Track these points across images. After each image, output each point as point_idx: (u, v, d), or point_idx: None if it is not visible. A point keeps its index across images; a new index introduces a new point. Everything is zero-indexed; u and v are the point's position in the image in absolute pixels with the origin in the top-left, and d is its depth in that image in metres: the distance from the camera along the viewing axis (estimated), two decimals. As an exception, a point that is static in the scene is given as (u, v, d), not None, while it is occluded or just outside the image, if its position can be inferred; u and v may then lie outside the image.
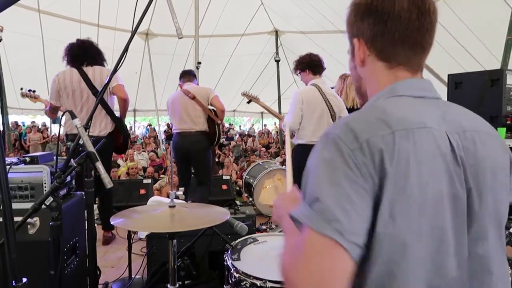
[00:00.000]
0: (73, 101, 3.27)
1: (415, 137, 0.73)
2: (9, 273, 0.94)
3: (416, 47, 0.84)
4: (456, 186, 0.75)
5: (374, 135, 0.72)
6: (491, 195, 0.79)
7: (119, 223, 1.63)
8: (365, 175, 0.69)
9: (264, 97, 10.79)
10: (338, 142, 0.72)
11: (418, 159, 0.72)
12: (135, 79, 12.62)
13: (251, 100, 3.76)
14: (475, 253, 0.77)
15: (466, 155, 0.78)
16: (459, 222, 0.75)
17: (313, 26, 10.58)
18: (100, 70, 3.35)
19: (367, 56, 0.88)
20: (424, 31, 0.83)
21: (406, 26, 0.82)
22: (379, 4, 0.83)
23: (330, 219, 0.67)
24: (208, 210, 1.88)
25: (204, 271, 2.63)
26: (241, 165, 8.53)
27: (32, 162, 2.09)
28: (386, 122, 0.74)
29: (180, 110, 3.86)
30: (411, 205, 0.70)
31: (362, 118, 0.77)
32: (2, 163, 0.92)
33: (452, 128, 0.79)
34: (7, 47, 8.40)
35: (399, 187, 0.70)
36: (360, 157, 0.70)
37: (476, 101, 3.09)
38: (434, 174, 0.73)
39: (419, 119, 0.77)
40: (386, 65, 0.86)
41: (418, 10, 0.82)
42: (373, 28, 0.85)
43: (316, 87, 3.34)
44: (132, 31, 1.76)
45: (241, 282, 1.56)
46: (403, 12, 0.81)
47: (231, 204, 2.92)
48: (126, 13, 7.88)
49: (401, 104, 0.80)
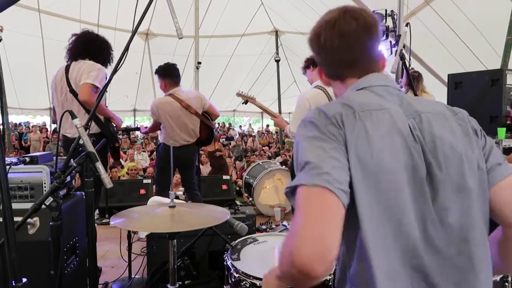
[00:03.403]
0: (56, 98, 3.02)
1: (372, 116, 0.87)
2: (9, 273, 0.94)
3: (353, 62, 0.99)
4: (415, 158, 0.85)
5: (339, 114, 0.87)
6: (454, 167, 0.87)
7: (119, 223, 1.62)
8: (339, 142, 0.84)
9: (264, 97, 10.74)
10: (314, 121, 0.88)
11: (376, 133, 0.84)
12: (135, 79, 12.63)
13: (247, 100, 3.63)
14: (446, 223, 0.85)
15: (423, 134, 0.88)
16: (418, 191, 0.84)
17: (313, 26, 10.58)
18: (79, 66, 2.90)
19: (328, 79, 1.07)
20: (352, 49, 0.97)
21: (333, 52, 0.98)
22: (311, 40, 1.02)
23: (320, 173, 0.77)
24: (208, 210, 1.88)
25: (204, 271, 2.62)
26: (241, 165, 8.53)
27: (32, 162, 2.09)
28: (349, 105, 0.89)
29: (174, 123, 3.65)
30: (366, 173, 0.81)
31: (330, 104, 0.93)
32: (2, 163, 0.92)
33: (408, 112, 0.91)
34: (7, 47, 8.38)
35: (361, 154, 0.82)
36: (332, 129, 0.85)
37: (476, 101, 3.09)
38: (391, 147, 0.84)
39: (378, 103, 0.90)
40: (339, 82, 1.03)
41: (339, 34, 0.96)
42: (317, 59, 1.06)
43: (321, 89, 3.22)
44: (132, 31, 1.76)
45: (241, 282, 1.56)
46: (327, 42, 0.97)
47: (231, 204, 2.92)
48: (126, 13, 7.89)
49: (364, 94, 0.94)
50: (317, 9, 9.37)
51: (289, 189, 0.82)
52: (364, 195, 0.81)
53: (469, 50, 7.68)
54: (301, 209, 0.75)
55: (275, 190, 5.02)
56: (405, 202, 0.82)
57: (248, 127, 20.67)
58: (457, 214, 0.85)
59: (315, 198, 0.76)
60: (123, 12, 9.10)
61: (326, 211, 0.75)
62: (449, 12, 7.33)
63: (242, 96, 3.62)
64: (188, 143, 3.76)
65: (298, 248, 0.70)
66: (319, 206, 0.75)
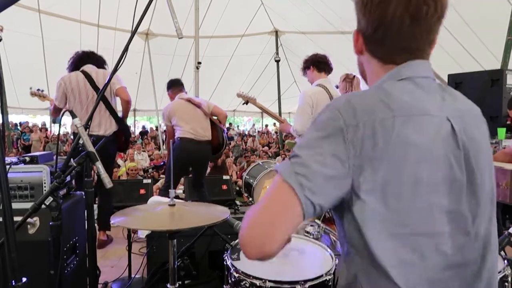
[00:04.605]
0: (80, 103, 3.38)
1: (415, 123, 0.75)
2: (9, 273, 0.94)
3: (408, 52, 0.83)
4: (454, 170, 0.77)
5: (373, 118, 0.73)
6: (487, 175, 0.83)
7: (119, 222, 1.62)
8: (349, 150, 0.72)
9: (264, 97, 10.73)
10: (336, 113, 0.75)
11: (415, 145, 0.74)
12: (135, 79, 12.63)
13: (247, 101, 3.65)
14: (478, 234, 0.80)
15: (468, 138, 0.80)
16: (456, 204, 0.78)
17: (313, 26, 10.59)
18: (103, 72, 3.50)
19: (364, 50, 0.89)
20: (418, 37, 0.81)
21: (397, 33, 0.80)
22: (373, 8, 0.82)
23: (298, 172, 0.71)
24: (208, 208, 1.88)
25: (204, 271, 2.62)
26: (241, 165, 8.53)
27: (32, 162, 2.09)
28: (389, 105, 0.75)
29: (190, 117, 3.86)
30: (404, 187, 0.73)
31: (366, 97, 0.78)
32: (2, 163, 0.92)
33: (453, 112, 0.81)
34: (7, 47, 8.39)
35: (394, 169, 0.73)
36: (351, 134, 0.73)
37: (476, 101, 3.09)
38: (430, 159, 0.75)
39: (421, 105, 0.78)
40: (378, 62, 0.87)
41: (412, 17, 0.78)
42: (367, 29, 0.85)
43: (323, 87, 3.24)
44: (132, 31, 1.76)
45: (240, 282, 1.56)
46: (395, 19, 0.79)
47: (231, 204, 2.92)
48: (126, 13, 7.88)
49: (405, 89, 0.80)
50: (317, 9, 9.39)
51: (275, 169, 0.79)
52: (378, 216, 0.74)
53: (467, 52, 7.68)
54: (266, 197, 0.75)
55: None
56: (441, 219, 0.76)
57: (251, 127, 20.66)
58: (486, 222, 0.82)
59: (280, 195, 0.73)
60: (123, 12, 9.09)
61: (283, 214, 0.72)
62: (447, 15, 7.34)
63: (243, 97, 3.63)
64: (206, 140, 3.89)
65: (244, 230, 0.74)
66: (279, 205, 0.73)
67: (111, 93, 3.48)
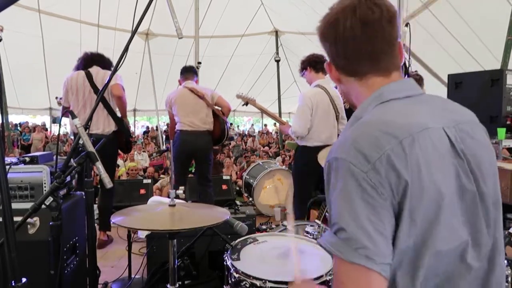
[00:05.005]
0: (77, 99, 3.43)
1: (420, 141, 0.75)
2: (9, 273, 0.94)
3: (375, 56, 0.86)
4: (463, 180, 0.78)
5: (383, 152, 0.73)
6: (491, 181, 0.83)
7: (119, 221, 1.62)
8: (382, 194, 0.71)
9: (264, 97, 10.70)
10: (350, 167, 0.73)
11: (427, 162, 0.74)
12: (135, 79, 12.62)
13: (247, 102, 3.62)
14: (489, 240, 0.81)
15: (466, 147, 0.81)
16: (471, 214, 0.78)
17: (313, 26, 10.52)
18: (104, 72, 3.52)
19: (340, 75, 0.93)
20: (374, 40, 0.84)
21: (353, 43, 0.85)
22: (326, 29, 0.88)
23: (357, 247, 0.69)
24: (208, 209, 1.88)
25: (204, 271, 2.62)
26: (241, 165, 8.53)
27: (31, 162, 2.09)
28: (391, 133, 0.75)
29: (190, 108, 3.84)
30: (429, 207, 0.73)
31: (365, 135, 0.77)
32: (2, 163, 0.92)
33: (447, 122, 0.82)
34: (7, 47, 8.38)
35: (417, 192, 0.72)
36: (374, 178, 0.71)
37: (476, 101, 3.09)
38: (443, 173, 0.75)
39: (417, 121, 0.78)
40: (356, 79, 0.90)
41: (361, 21, 0.83)
42: (330, 52, 0.91)
43: (322, 89, 3.23)
44: (132, 31, 1.76)
45: (241, 282, 1.56)
46: (346, 32, 0.84)
47: (231, 204, 2.92)
48: (126, 13, 7.88)
49: (394, 110, 0.82)
50: (317, 9, 9.37)
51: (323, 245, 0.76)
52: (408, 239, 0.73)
53: (467, 52, 7.68)
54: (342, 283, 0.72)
55: (275, 190, 5.02)
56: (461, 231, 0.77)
57: (250, 127, 20.66)
58: (495, 228, 0.83)
59: (356, 278, 0.70)
60: (123, 12, 9.08)
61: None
62: (447, 15, 7.33)
63: (242, 98, 3.61)
64: (205, 130, 3.85)
65: None
66: (360, 285, 0.70)
67: (109, 92, 3.48)
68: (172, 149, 3.99)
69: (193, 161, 4.11)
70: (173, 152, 4.00)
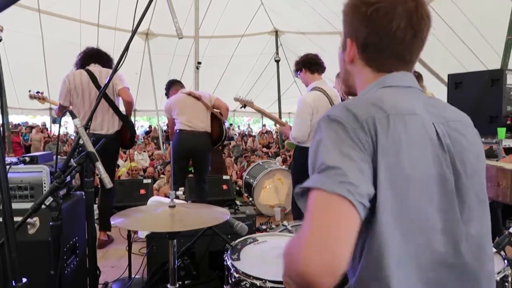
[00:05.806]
0: (82, 101, 3.42)
1: (406, 121, 0.80)
2: (9, 273, 0.94)
3: (403, 62, 0.90)
4: (444, 168, 0.81)
5: (371, 115, 0.78)
6: (477, 177, 0.86)
7: (119, 223, 1.62)
8: (365, 150, 0.75)
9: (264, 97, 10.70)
10: (341, 121, 0.77)
11: (409, 140, 0.78)
12: (135, 79, 12.61)
13: (245, 104, 3.59)
14: (470, 234, 0.82)
15: (453, 142, 0.84)
16: (447, 202, 0.81)
17: (313, 26, 10.58)
18: (106, 71, 3.52)
19: (357, 58, 0.93)
20: (415, 50, 0.89)
21: (399, 45, 0.87)
22: (378, 17, 0.85)
23: (343, 181, 0.70)
24: (208, 210, 1.87)
25: (204, 271, 2.62)
26: (241, 165, 8.53)
27: (31, 162, 2.09)
28: (381, 107, 0.80)
29: (189, 110, 3.91)
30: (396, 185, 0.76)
31: (359, 103, 0.83)
32: (2, 163, 0.92)
33: (437, 118, 0.86)
34: (7, 47, 8.38)
35: (392, 162, 0.76)
36: (361, 135, 0.76)
37: (476, 101, 3.09)
38: (423, 155, 0.79)
39: (409, 106, 0.83)
40: (372, 70, 0.92)
41: (414, 31, 0.85)
42: (366, 38, 0.89)
43: (321, 91, 3.19)
44: (132, 31, 1.76)
45: (241, 282, 1.56)
46: (398, 32, 0.85)
47: (231, 204, 2.92)
48: (126, 13, 7.88)
49: (393, 94, 0.87)
50: (317, 9, 9.39)
51: (301, 189, 0.75)
52: (388, 208, 0.75)
53: (470, 50, 7.67)
54: (315, 216, 0.69)
55: (275, 190, 5.03)
56: (434, 215, 0.79)
57: (247, 128, 20.67)
58: (478, 224, 0.85)
59: (332, 207, 0.68)
60: (123, 12, 9.09)
61: (342, 223, 0.67)
62: (449, 12, 7.32)
63: (240, 101, 3.60)
64: (204, 132, 3.91)
65: (306, 258, 0.65)
66: (335, 216, 0.68)
67: (114, 93, 3.49)
68: (171, 149, 4.02)
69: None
70: (172, 151, 4.02)
